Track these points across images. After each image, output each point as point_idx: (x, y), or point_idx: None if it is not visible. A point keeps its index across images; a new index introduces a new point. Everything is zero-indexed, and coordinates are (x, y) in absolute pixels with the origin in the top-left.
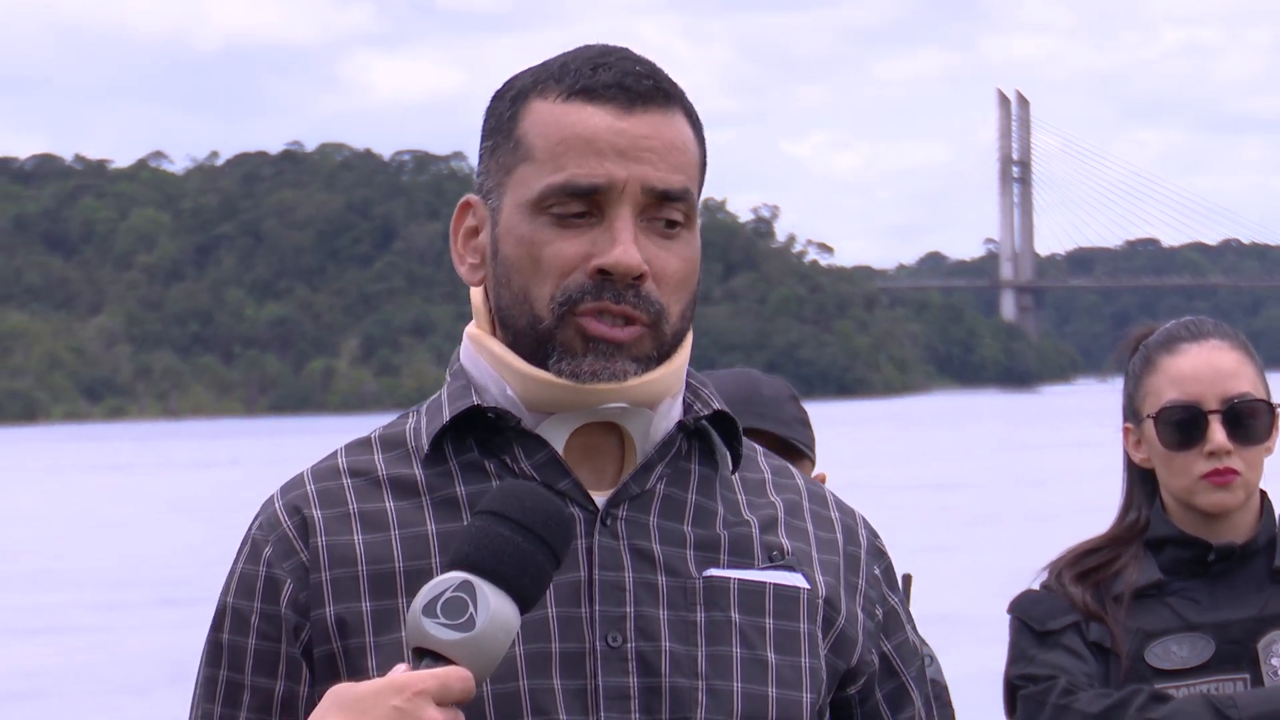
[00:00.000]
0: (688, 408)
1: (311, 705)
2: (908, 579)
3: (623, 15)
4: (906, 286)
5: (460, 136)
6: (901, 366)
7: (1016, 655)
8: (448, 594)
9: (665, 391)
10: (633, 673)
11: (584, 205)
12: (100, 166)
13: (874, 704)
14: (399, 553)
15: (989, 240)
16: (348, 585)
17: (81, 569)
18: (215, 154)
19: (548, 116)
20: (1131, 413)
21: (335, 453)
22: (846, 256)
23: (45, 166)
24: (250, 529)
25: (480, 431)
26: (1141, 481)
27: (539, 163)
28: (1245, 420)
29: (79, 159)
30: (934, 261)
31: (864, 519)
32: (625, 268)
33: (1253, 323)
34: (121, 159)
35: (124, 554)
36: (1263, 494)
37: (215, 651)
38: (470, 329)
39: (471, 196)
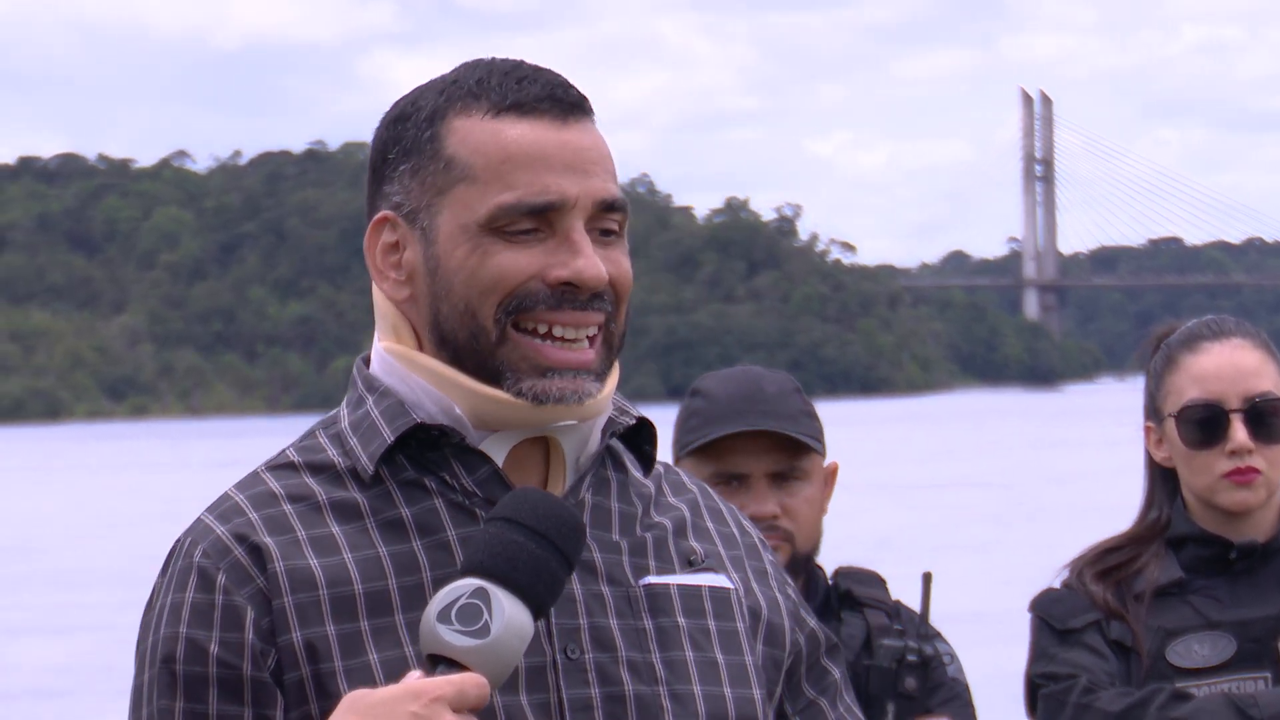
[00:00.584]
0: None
1: None
2: (928, 577)
3: (643, 14)
4: (929, 285)
5: None
6: (925, 365)
7: (1037, 654)
8: (462, 600)
9: (604, 405)
10: (593, 683)
11: (535, 222)
12: (123, 165)
13: (796, 682)
14: (355, 575)
15: (1012, 239)
16: (311, 610)
17: (111, 567)
18: (238, 153)
19: (480, 134)
20: (1153, 411)
21: (261, 477)
22: (869, 255)
23: (68, 166)
24: (183, 557)
25: (411, 449)
26: (1163, 480)
27: (482, 182)
28: (1267, 419)
29: (102, 158)
30: (957, 260)
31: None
32: (594, 280)
33: (1276, 321)
34: (144, 158)
35: (154, 553)
36: None
37: (168, 682)
38: (390, 346)
39: (389, 213)
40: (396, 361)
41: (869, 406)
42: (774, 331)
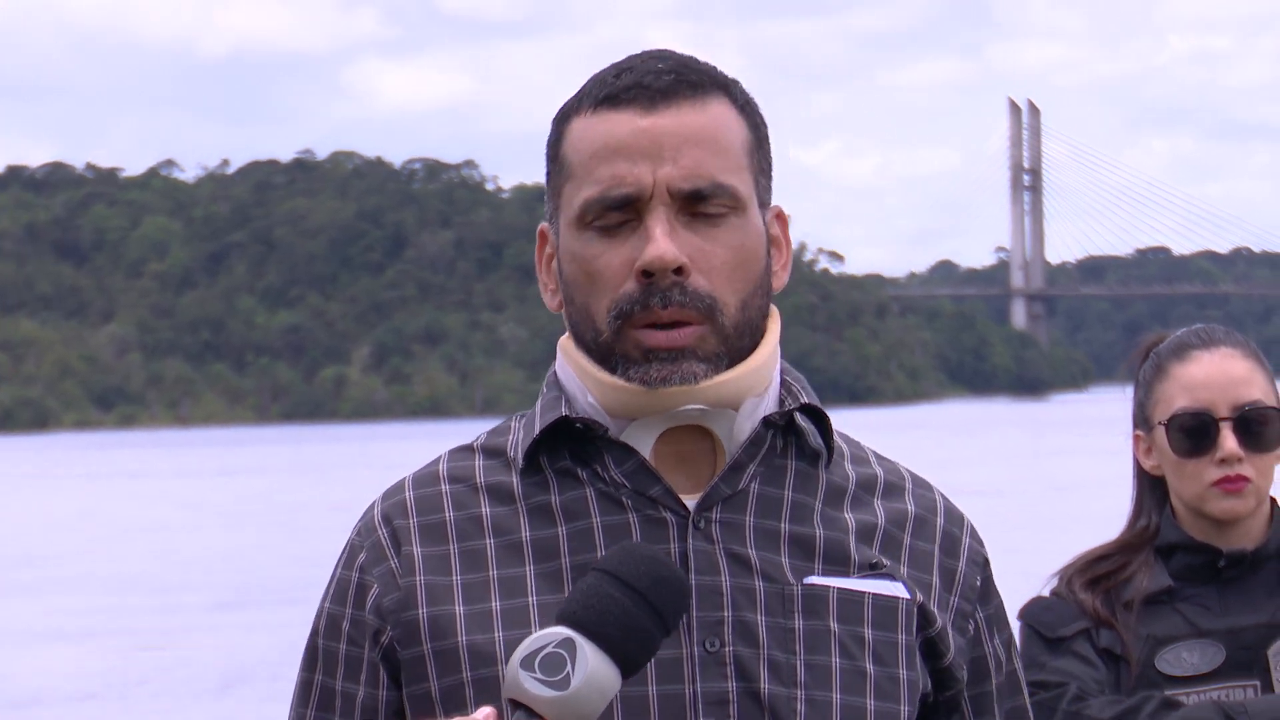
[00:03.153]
0: (780, 404)
1: (391, 710)
2: None
3: (634, 22)
4: (918, 294)
5: (471, 144)
6: (913, 374)
7: (1027, 662)
8: (548, 649)
9: (746, 391)
10: (731, 677)
11: (622, 214)
12: (111, 174)
13: (960, 712)
14: (493, 559)
15: (1000, 248)
16: (441, 590)
17: (120, 574)
18: (226, 162)
19: (581, 131)
20: (1142, 420)
21: (439, 458)
22: (858, 264)
23: (56, 175)
24: (350, 535)
25: (574, 441)
26: (1152, 488)
27: (577, 179)
28: (1256, 427)
29: (90, 167)
30: (945, 269)
31: (971, 528)
32: (661, 263)
33: (1264, 330)
34: (133, 167)
35: (143, 560)
36: (1273, 501)
37: (311, 656)
38: (562, 340)
39: (543, 225)
40: (562, 355)
41: (857, 416)
42: None
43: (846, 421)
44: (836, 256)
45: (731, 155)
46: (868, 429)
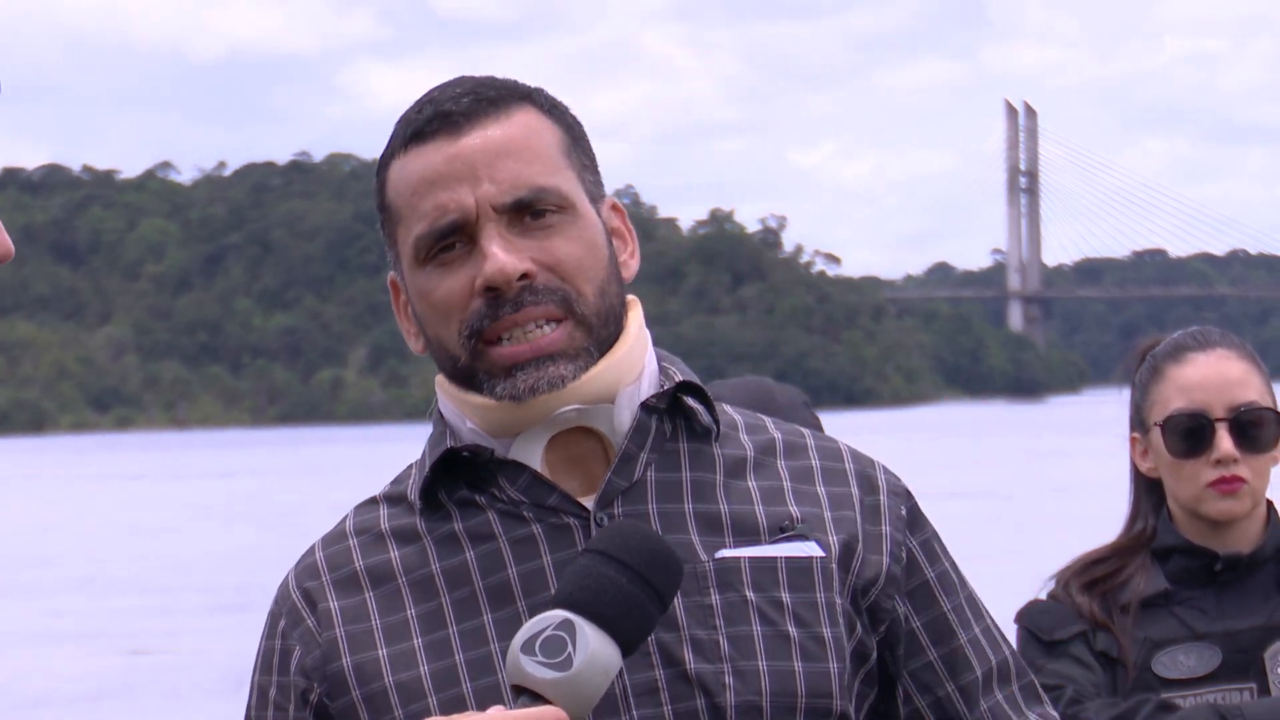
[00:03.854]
0: (660, 388)
1: None
2: None
3: (628, 25)
4: (914, 297)
5: None
6: (909, 377)
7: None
8: (547, 632)
9: (617, 382)
10: (657, 665)
11: (455, 241)
12: (108, 176)
13: (914, 640)
14: (408, 598)
15: (996, 250)
16: (362, 637)
17: (121, 575)
18: (223, 164)
19: (398, 173)
20: (1138, 422)
21: (345, 517)
22: (854, 266)
23: (53, 177)
24: (270, 606)
25: (466, 471)
26: (1148, 491)
27: (406, 220)
28: (1252, 429)
29: (86, 169)
30: (942, 272)
31: (882, 466)
32: (503, 275)
33: (1261, 333)
34: (129, 169)
35: (139, 563)
36: (1269, 503)
37: None
38: (438, 378)
39: (392, 275)
40: (439, 392)
41: (853, 418)
42: (759, 343)
43: (843, 424)
44: (833, 259)
45: (546, 158)
46: (864, 431)
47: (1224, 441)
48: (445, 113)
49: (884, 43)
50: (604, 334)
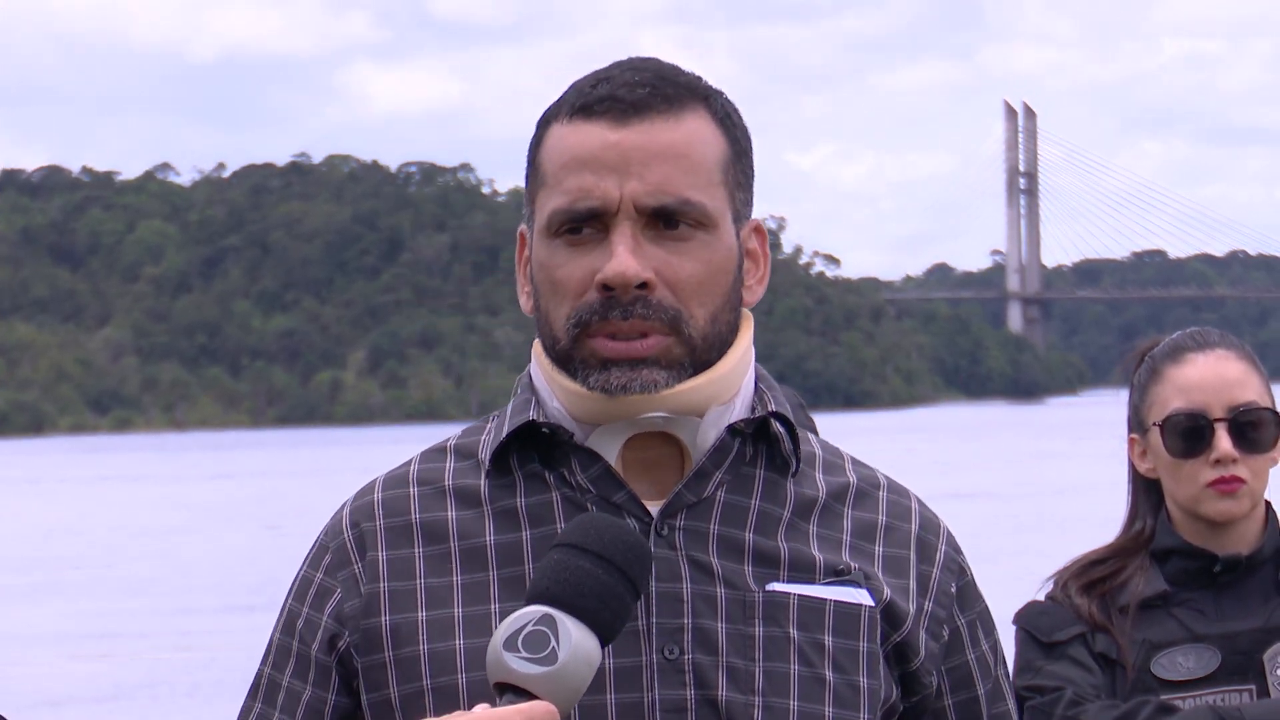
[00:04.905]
0: (751, 412)
1: (338, 715)
2: None
3: (625, 27)
4: (913, 298)
5: (465, 148)
6: (908, 378)
7: (1023, 666)
8: (529, 628)
9: (709, 399)
10: (689, 685)
11: (587, 225)
12: (107, 178)
13: (942, 716)
14: (457, 565)
15: (996, 252)
16: (404, 596)
17: (130, 576)
18: (222, 166)
19: (556, 139)
20: (1137, 423)
21: (411, 460)
22: (853, 268)
23: (52, 178)
24: (319, 534)
25: (542, 444)
26: (1147, 492)
27: (549, 187)
28: (1251, 429)
29: (86, 171)
30: (941, 273)
31: (948, 535)
32: (622, 279)
33: (1260, 334)
34: (128, 171)
35: (141, 563)
36: (1268, 504)
37: (268, 650)
38: (535, 343)
39: (522, 227)
40: (534, 358)
41: (852, 420)
42: (758, 344)
43: (842, 425)
44: (832, 260)
45: (703, 171)
46: (863, 433)
47: (1223, 442)
48: (618, 97)
49: (880, 44)
50: (705, 356)
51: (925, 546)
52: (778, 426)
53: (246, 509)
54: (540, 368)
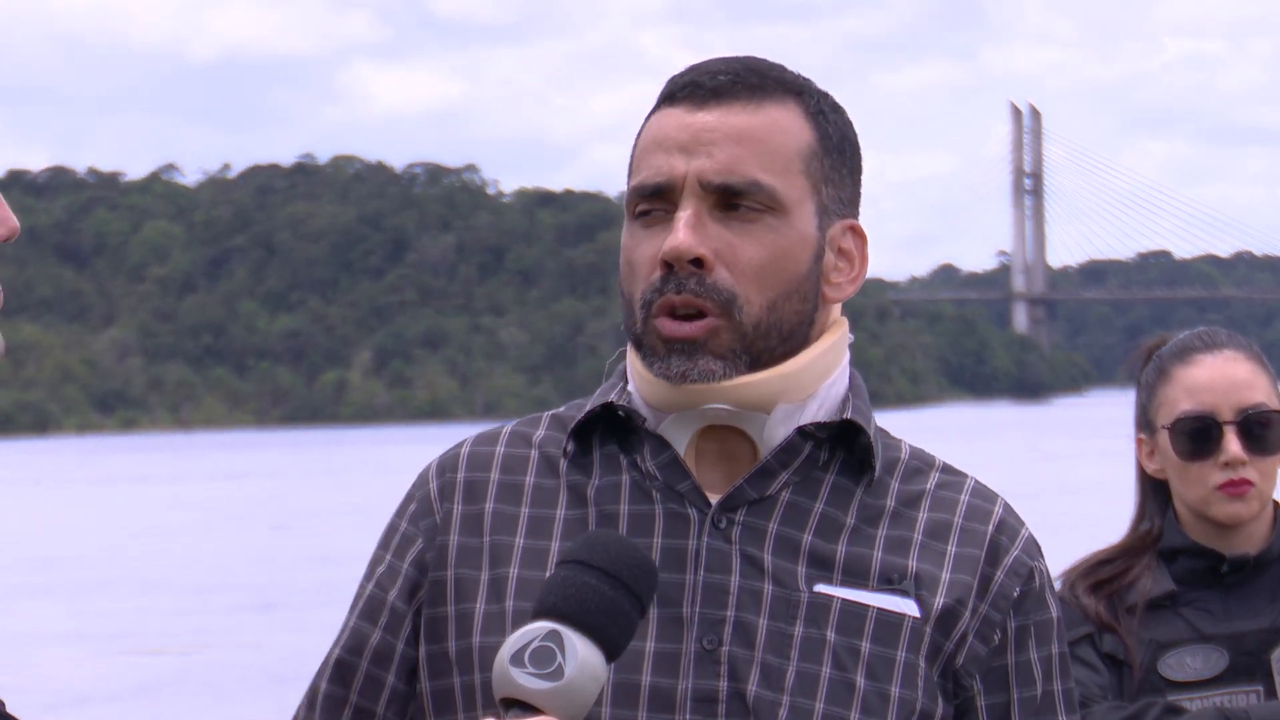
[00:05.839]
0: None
1: (407, 662)
2: None
3: (625, 26)
4: (919, 298)
5: (467, 147)
6: (914, 378)
7: None
8: (535, 644)
9: (776, 395)
10: (723, 676)
11: (659, 205)
12: (112, 179)
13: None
14: (523, 528)
15: (1001, 252)
16: (471, 552)
17: (141, 576)
18: (228, 166)
19: (645, 127)
20: (1145, 423)
21: (509, 423)
22: None
23: (58, 179)
24: (412, 482)
25: (623, 428)
26: (1154, 492)
27: (632, 171)
28: (1260, 431)
29: (91, 171)
30: (946, 273)
31: (1025, 543)
32: (676, 253)
33: (1266, 334)
34: (133, 171)
35: (148, 562)
36: (1276, 505)
37: (355, 594)
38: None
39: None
40: (629, 346)
41: None
42: None
43: None
44: None
45: (779, 157)
46: None
47: (1231, 444)
48: (699, 84)
49: (881, 44)
50: (761, 345)
51: (996, 549)
52: (860, 436)
53: (254, 509)
54: (629, 351)
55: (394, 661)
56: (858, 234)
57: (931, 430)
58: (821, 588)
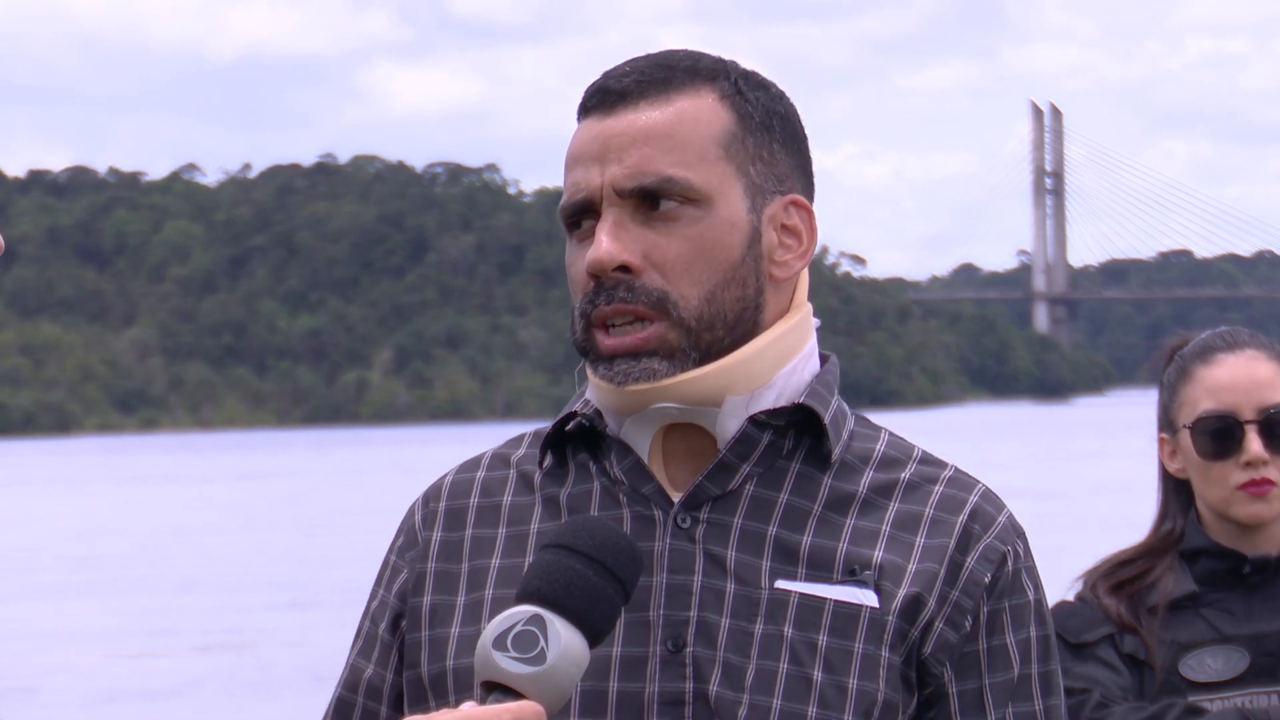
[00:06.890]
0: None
1: (396, 692)
2: None
3: (645, 25)
4: (939, 298)
5: (488, 147)
6: (934, 378)
7: None
8: (518, 628)
9: (724, 388)
10: (689, 678)
11: (586, 218)
12: (133, 179)
13: (945, 706)
14: (500, 549)
15: (1022, 251)
16: (449, 578)
17: (171, 575)
18: (248, 166)
19: (570, 143)
20: (1167, 423)
21: (502, 442)
22: (879, 268)
23: (78, 179)
24: (402, 517)
25: (593, 437)
26: (1176, 492)
27: (564, 188)
28: None
29: (112, 171)
30: (967, 273)
31: (1002, 527)
32: (598, 265)
33: None
34: (154, 171)
35: (168, 563)
36: None
37: (355, 633)
38: None
39: None
40: None
41: (878, 420)
42: None
43: None
44: (858, 260)
45: (691, 148)
46: None
47: (1253, 444)
48: (606, 89)
49: (902, 44)
50: (708, 338)
51: (968, 536)
52: (838, 424)
53: (279, 508)
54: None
55: (385, 694)
56: (800, 207)
57: (952, 430)
58: (782, 583)
